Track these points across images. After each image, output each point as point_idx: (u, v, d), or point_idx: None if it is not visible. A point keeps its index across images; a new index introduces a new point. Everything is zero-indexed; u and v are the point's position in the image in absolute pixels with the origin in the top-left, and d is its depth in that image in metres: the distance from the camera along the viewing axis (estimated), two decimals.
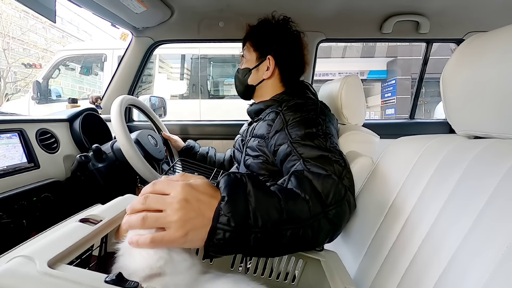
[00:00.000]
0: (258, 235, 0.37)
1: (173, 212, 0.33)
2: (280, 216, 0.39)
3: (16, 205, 0.69)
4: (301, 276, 0.47)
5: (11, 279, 0.24)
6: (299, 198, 0.43)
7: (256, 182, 0.40)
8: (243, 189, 0.38)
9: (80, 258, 0.34)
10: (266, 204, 0.39)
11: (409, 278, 0.41)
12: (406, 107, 2.04)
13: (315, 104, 0.70)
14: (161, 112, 1.62)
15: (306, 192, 0.44)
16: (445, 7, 1.22)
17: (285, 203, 0.40)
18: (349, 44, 8.76)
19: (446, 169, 0.43)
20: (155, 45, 1.40)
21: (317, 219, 0.43)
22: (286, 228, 0.39)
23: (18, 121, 0.80)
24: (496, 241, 0.31)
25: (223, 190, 0.37)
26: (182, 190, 0.35)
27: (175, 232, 0.33)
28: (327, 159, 0.53)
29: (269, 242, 0.39)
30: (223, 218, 0.35)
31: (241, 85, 0.88)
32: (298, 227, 0.40)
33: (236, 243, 0.36)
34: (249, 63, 0.85)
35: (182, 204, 0.34)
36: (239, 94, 0.92)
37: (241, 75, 0.86)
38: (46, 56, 11.78)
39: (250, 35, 0.85)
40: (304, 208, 0.42)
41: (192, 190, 0.35)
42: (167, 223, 0.33)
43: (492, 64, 0.38)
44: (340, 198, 0.47)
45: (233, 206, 0.36)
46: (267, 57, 0.81)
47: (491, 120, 0.40)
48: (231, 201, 0.36)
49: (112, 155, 0.95)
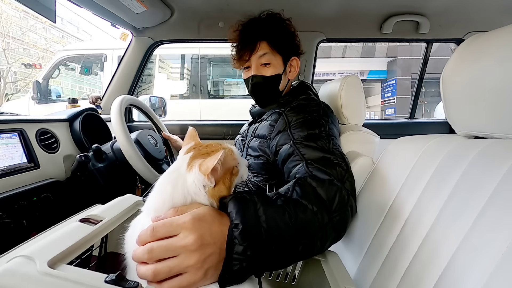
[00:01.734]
0: (273, 255, 0.36)
1: (189, 255, 0.30)
2: (292, 233, 0.38)
3: (16, 205, 0.69)
4: (301, 276, 0.47)
5: (11, 279, 0.24)
6: (307, 211, 0.42)
7: (266, 201, 0.39)
8: (255, 213, 0.36)
9: (80, 258, 0.34)
10: (279, 223, 0.37)
11: (409, 278, 0.41)
12: (406, 107, 2.04)
13: (318, 105, 0.70)
14: (161, 112, 1.62)
15: (312, 202, 0.43)
16: (445, 7, 1.22)
17: (295, 219, 0.39)
18: (349, 44, 8.76)
19: (446, 169, 0.43)
20: (155, 45, 1.40)
21: (324, 230, 0.43)
22: (298, 243, 0.39)
23: (18, 121, 0.80)
24: (496, 241, 0.31)
25: (235, 217, 0.34)
26: (193, 227, 0.31)
27: (194, 275, 0.30)
28: (329, 162, 0.53)
29: (282, 259, 0.38)
30: (238, 248, 0.32)
31: (271, 93, 0.79)
32: (308, 241, 0.40)
33: (252, 270, 0.34)
34: (277, 68, 0.77)
35: (197, 244, 0.30)
36: (262, 103, 0.83)
37: (272, 82, 0.77)
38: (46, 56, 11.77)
39: (268, 35, 0.76)
40: (314, 220, 0.42)
41: (202, 224, 0.32)
42: (183, 269, 0.30)
43: (492, 64, 0.38)
44: (343, 204, 0.47)
45: (247, 234, 0.33)
46: (292, 59, 0.79)
47: (491, 120, 0.40)
48: (245, 229, 0.33)
49: (112, 155, 0.95)
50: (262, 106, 0.84)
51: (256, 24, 0.78)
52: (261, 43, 0.76)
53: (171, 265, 0.30)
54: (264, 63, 0.77)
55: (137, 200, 0.48)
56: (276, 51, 0.76)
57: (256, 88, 0.79)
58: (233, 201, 0.36)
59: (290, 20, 0.82)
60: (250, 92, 0.82)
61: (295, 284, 0.47)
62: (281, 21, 0.80)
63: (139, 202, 0.48)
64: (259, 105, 0.85)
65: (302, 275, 0.48)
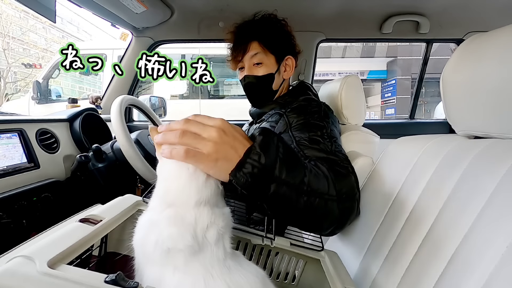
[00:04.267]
0: (279, 186, 0.39)
1: (210, 136, 0.35)
2: (302, 180, 0.41)
3: (16, 205, 0.69)
4: (301, 276, 0.47)
5: (11, 279, 0.24)
6: (320, 176, 0.44)
7: (286, 143, 0.43)
8: (276, 141, 0.40)
9: (80, 258, 0.34)
10: (294, 164, 0.41)
11: (409, 278, 0.41)
12: (406, 107, 2.04)
13: (319, 106, 0.70)
14: (161, 112, 1.62)
15: (326, 175, 0.45)
16: (445, 7, 1.22)
17: (309, 172, 0.43)
18: (349, 44, 8.76)
19: (446, 169, 0.43)
20: (155, 45, 1.40)
21: (330, 200, 0.44)
22: (304, 192, 0.41)
23: (18, 121, 0.80)
24: (496, 241, 0.31)
25: (258, 136, 0.39)
26: (222, 123, 0.37)
27: (208, 154, 0.35)
28: (335, 163, 0.53)
29: (285, 199, 0.40)
30: (254, 155, 0.37)
31: (263, 92, 0.80)
32: (314, 197, 0.42)
33: (258, 183, 0.38)
34: (269, 67, 0.77)
35: (220, 134, 0.36)
36: (256, 103, 0.83)
37: (264, 82, 0.78)
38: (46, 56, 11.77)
39: (259, 35, 0.77)
40: (324, 185, 0.44)
41: (230, 127, 0.38)
42: (203, 144, 0.35)
43: (492, 64, 0.38)
44: (353, 194, 0.48)
45: (265, 149, 0.38)
46: (286, 58, 0.79)
47: (491, 120, 0.40)
48: (265, 145, 0.38)
49: (112, 155, 0.95)
50: (257, 106, 0.84)
51: (249, 25, 0.80)
52: (253, 43, 0.77)
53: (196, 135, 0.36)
54: (256, 62, 0.77)
55: (137, 200, 0.48)
56: (269, 51, 0.77)
57: (249, 88, 0.80)
58: (260, 129, 0.41)
59: (285, 20, 0.82)
60: (244, 92, 0.84)
61: (295, 284, 0.47)
62: (274, 21, 0.80)
63: (139, 202, 0.48)
64: (254, 105, 0.85)
65: (302, 275, 0.48)
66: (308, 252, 0.46)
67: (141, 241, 0.34)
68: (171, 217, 0.33)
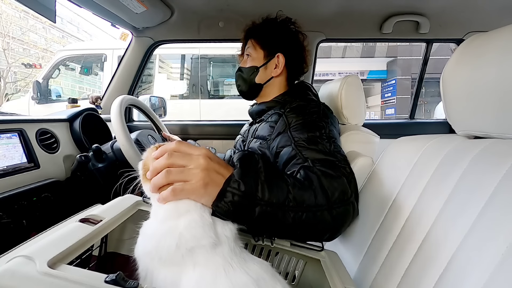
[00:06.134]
0: (263, 208, 0.39)
1: (197, 165, 0.36)
2: (286, 197, 0.41)
3: (16, 205, 0.69)
4: (301, 276, 0.47)
5: (11, 279, 0.24)
6: (305, 187, 0.44)
7: (268, 162, 0.44)
8: (255, 164, 0.41)
9: (80, 258, 0.34)
10: (275, 182, 0.42)
11: (409, 278, 0.41)
12: (406, 107, 2.04)
13: (318, 107, 0.70)
14: (161, 112, 1.62)
15: (313, 185, 0.45)
16: (445, 7, 1.22)
17: (292, 187, 0.43)
18: (349, 44, 8.76)
19: (446, 169, 0.43)
20: (155, 45, 1.40)
21: (320, 210, 0.44)
22: (290, 208, 0.41)
23: (18, 121, 0.80)
24: (496, 241, 0.31)
25: (236, 161, 0.40)
26: (207, 151, 0.39)
27: (196, 182, 0.36)
28: (333, 164, 0.53)
29: (273, 219, 0.41)
30: (234, 183, 0.38)
31: (246, 84, 0.84)
32: (301, 211, 0.42)
33: (242, 210, 0.38)
34: (255, 61, 0.82)
35: (207, 160, 0.37)
36: (242, 94, 0.88)
37: (247, 73, 0.83)
38: (46, 56, 11.77)
39: (255, 33, 0.83)
40: (310, 197, 0.44)
41: (213, 155, 0.39)
42: (190, 175, 0.36)
43: (492, 64, 0.38)
44: (346, 198, 0.48)
45: (244, 174, 0.39)
46: (276, 55, 0.80)
47: (491, 120, 0.40)
48: (243, 170, 0.39)
49: (112, 155, 0.95)
50: (244, 97, 0.90)
51: (254, 25, 0.86)
52: (250, 40, 0.84)
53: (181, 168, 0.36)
54: (247, 54, 0.84)
55: (137, 200, 0.48)
56: (259, 45, 0.82)
57: (236, 78, 0.87)
58: (239, 153, 0.43)
59: (289, 19, 0.83)
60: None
61: (295, 284, 0.47)
62: (273, 19, 0.84)
63: (139, 202, 0.48)
64: (241, 95, 0.89)
65: (302, 275, 0.48)
66: (308, 252, 0.46)
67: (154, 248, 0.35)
68: (191, 221, 0.36)
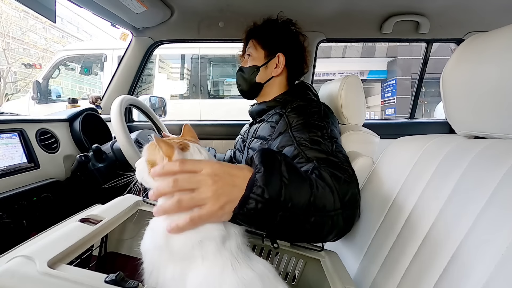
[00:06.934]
0: (286, 213, 0.38)
1: (207, 188, 0.34)
2: (309, 201, 0.40)
3: (16, 205, 0.69)
4: (301, 276, 0.47)
5: (11, 279, 0.24)
6: (326, 188, 0.43)
7: (290, 162, 0.41)
8: (279, 166, 0.39)
9: (80, 258, 0.34)
10: (299, 186, 0.40)
11: (409, 278, 0.41)
12: (406, 107, 2.04)
13: (319, 107, 0.70)
14: (161, 112, 1.62)
15: (331, 188, 0.44)
16: (445, 7, 1.22)
17: (316, 189, 0.41)
18: (349, 44, 8.75)
19: (446, 169, 0.43)
20: (155, 45, 1.40)
21: (336, 214, 0.44)
22: (312, 213, 0.40)
23: (18, 121, 0.80)
24: (496, 241, 0.31)
25: (259, 163, 0.38)
26: (213, 166, 0.35)
27: (212, 206, 0.34)
28: (336, 164, 0.53)
29: (294, 224, 0.40)
30: (257, 189, 0.35)
31: (247, 83, 0.84)
32: (322, 216, 0.41)
33: (264, 217, 0.37)
34: (256, 61, 0.82)
35: (214, 179, 0.34)
36: (242, 93, 0.88)
37: (248, 73, 0.83)
38: (46, 56, 11.77)
39: (256, 33, 0.84)
40: (330, 198, 0.43)
41: (221, 166, 0.36)
42: (202, 200, 0.34)
43: (492, 64, 0.38)
44: (355, 201, 0.48)
45: (268, 179, 0.36)
46: (277, 55, 0.81)
47: (491, 120, 0.40)
48: (267, 174, 0.36)
49: (112, 155, 0.95)
50: (245, 96, 0.89)
51: (255, 26, 0.86)
52: (251, 40, 0.84)
53: (191, 195, 0.34)
54: (247, 54, 0.85)
55: (137, 200, 0.48)
56: (260, 45, 0.82)
57: (237, 78, 0.88)
58: (260, 151, 0.40)
59: (290, 20, 0.84)
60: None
61: (295, 284, 0.47)
62: (274, 20, 0.84)
63: (139, 202, 0.48)
64: (242, 94, 0.89)
65: (302, 275, 0.48)
66: (308, 252, 0.46)
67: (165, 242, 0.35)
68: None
